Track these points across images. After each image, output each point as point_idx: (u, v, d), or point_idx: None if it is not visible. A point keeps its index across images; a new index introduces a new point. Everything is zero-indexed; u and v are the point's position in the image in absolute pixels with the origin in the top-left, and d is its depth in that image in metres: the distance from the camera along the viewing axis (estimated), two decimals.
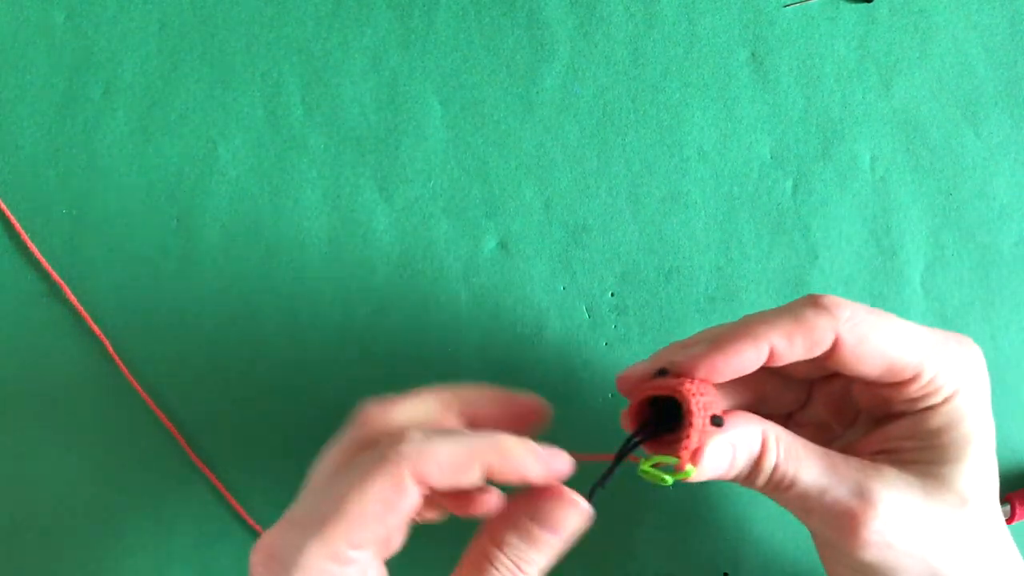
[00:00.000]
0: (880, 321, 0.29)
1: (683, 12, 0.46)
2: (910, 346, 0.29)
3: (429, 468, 0.26)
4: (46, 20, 0.45)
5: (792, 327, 0.28)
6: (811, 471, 0.29)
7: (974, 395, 0.31)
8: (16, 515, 0.42)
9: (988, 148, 0.45)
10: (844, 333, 0.28)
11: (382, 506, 0.26)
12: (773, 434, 0.30)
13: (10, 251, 0.43)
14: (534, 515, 0.28)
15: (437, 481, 0.27)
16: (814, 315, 0.28)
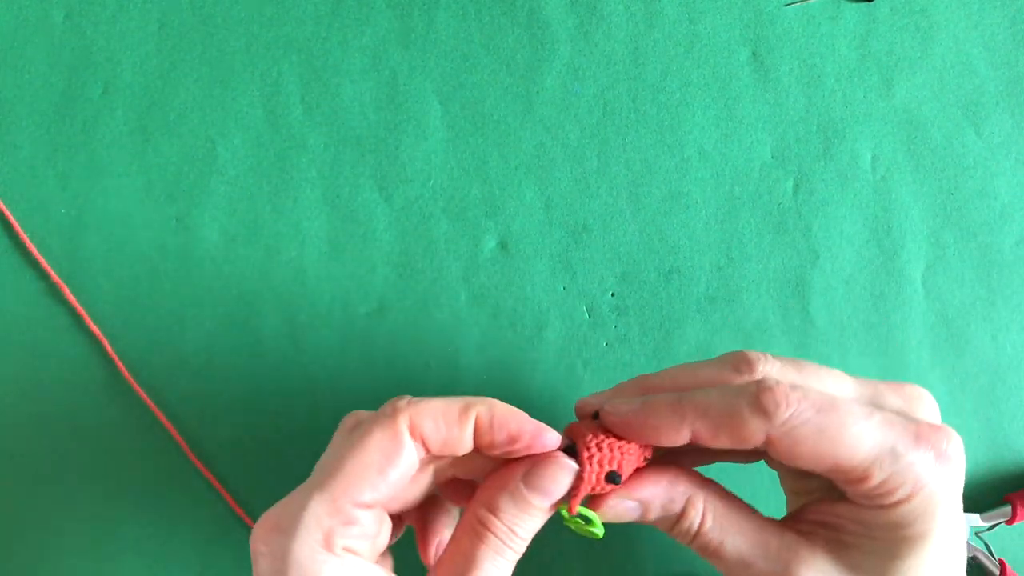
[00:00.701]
0: (825, 423, 0.27)
1: (683, 11, 0.46)
2: (856, 450, 0.27)
3: (423, 420, 0.27)
4: (45, 19, 0.45)
5: (721, 422, 0.27)
6: (738, 542, 0.29)
7: (934, 500, 0.28)
8: (16, 515, 0.42)
9: (989, 148, 0.45)
10: (776, 436, 0.27)
11: (381, 457, 0.27)
12: (701, 500, 0.29)
13: (9, 251, 0.43)
14: (526, 478, 0.28)
15: (432, 434, 0.27)
16: (748, 415, 0.27)
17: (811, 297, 0.44)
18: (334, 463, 0.27)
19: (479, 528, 0.28)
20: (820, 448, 0.27)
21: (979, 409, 0.43)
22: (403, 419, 0.27)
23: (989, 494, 0.43)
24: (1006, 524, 0.41)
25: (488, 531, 0.28)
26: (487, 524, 0.28)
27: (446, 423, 0.28)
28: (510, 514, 0.28)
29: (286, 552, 0.26)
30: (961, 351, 0.43)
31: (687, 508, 0.29)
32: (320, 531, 0.26)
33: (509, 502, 0.28)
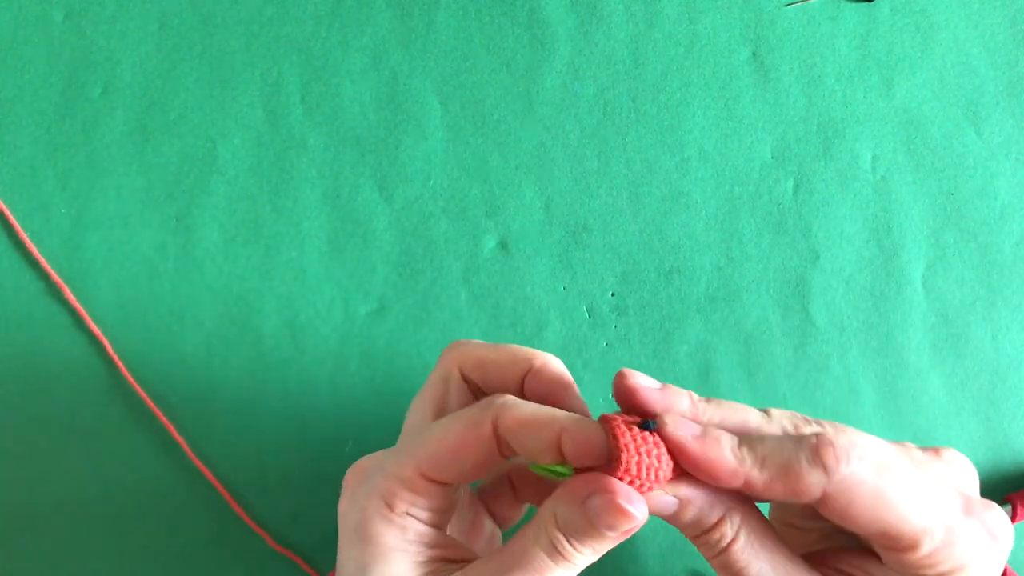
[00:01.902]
0: (884, 484, 0.26)
1: (684, 11, 0.46)
2: (911, 517, 0.26)
3: (508, 421, 0.28)
4: (45, 19, 0.45)
5: (778, 474, 0.26)
6: (764, 569, 0.28)
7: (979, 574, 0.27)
8: (16, 515, 0.42)
9: (989, 148, 0.45)
10: (833, 492, 0.26)
11: (459, 446, 0.28)
12: (738, 516, 0.28)
13: (9, 251, 0.43)
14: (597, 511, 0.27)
15: (513, 434, 0.28)
16: (808, 469, 0.26)
17: (811, 297, 0.44)
18: (422, 437, 0.29)
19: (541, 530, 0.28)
20: (876, 511, 0.26)
21: (979, 409, 0.43)
22: (489, 418, 0.28)
23: (989, 494, 0.43)
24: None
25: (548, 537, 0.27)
26: (548, 529, 0.28)
27: (528, 430, 0.28)
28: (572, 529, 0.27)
29: (356, 497, 0.29)
30: (961, 351, 0.43)
31: (722, 521, 0.28)
32: (387, 494, 0.28)
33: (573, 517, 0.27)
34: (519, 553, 0.28)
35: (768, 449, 0.27)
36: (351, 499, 0.30)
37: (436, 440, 0.28)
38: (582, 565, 0.28)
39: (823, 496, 0.26)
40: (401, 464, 0.28)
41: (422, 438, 0.29)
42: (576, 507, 0.27)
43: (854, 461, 0.26)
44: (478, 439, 0.28)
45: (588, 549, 0.28)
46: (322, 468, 0.42)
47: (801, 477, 0.26)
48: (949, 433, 0.43)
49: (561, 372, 0.31)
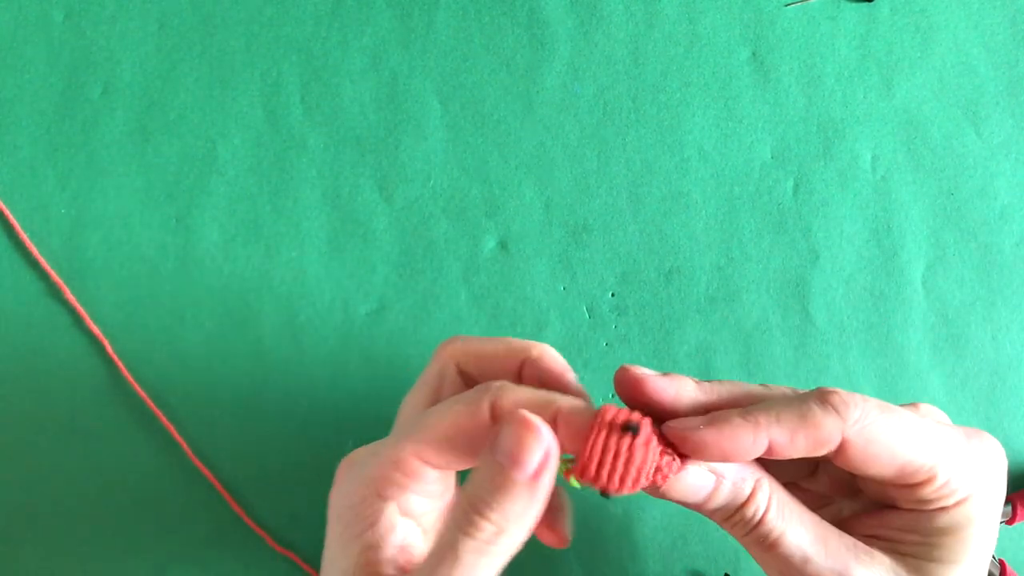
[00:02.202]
0: (892, 421, 0.27)
1: (683, 11, 0.46)
2: (924, 448, 0.27)
3: (505, 403, 0.27)
4: (45, 19, 0.45)
5: (796, 424, 0.27)
6: (799, 535, 0.28)
7: (987, 499, 0.28)
8: (16, 515, 0.42)
9: (989, 148, 0.45)
10: (852, 435, 0.27)
11: (455, 430, 0.27)
12: (767, 485, 0.28)
13: (9, 251, 0.43)
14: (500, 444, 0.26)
15: None
16: (821, 414, 0.27)
17: (811, 297, 0.44)
18: (419, 421, 0.28)
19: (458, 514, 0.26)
20: (892, 448, 0.27)
21: (979, 409, 0.43)
22: (487, 400, 0.27)
23: None
24: (1006, 524, 0.41)
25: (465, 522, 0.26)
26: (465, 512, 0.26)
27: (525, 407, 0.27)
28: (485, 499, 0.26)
29: (346, 484, 0.29)
30: (961, 351, 0.43)
31: (755, 491, 0.28)
32: (379, 476, 0.28)
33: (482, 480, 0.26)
34: (439, 544, 0.26)
35: (780, 407, 0.27)
36: (339, 486, 0.29)
37: (433, 423, 0.28)
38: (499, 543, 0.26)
39: (842, 443, 0.27)
40: (396, 447, 0.28)
41: (419, 422, 0.28)
42: (483, 459, 0.26)
43: (860, 403, 0.27)
44: (475, 422, 0.27)
45: (497, 515, 0.25)
46: (322, 468, 0.42)
47: (819, 424, 0.26)
48: None
49: (558, 360, 0.31)
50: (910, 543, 0.29)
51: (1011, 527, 0.42)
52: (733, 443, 0.27)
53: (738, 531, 0.29)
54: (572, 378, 0.31)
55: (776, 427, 0.27)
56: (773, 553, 0.28)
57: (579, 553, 0.42)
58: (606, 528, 0.42)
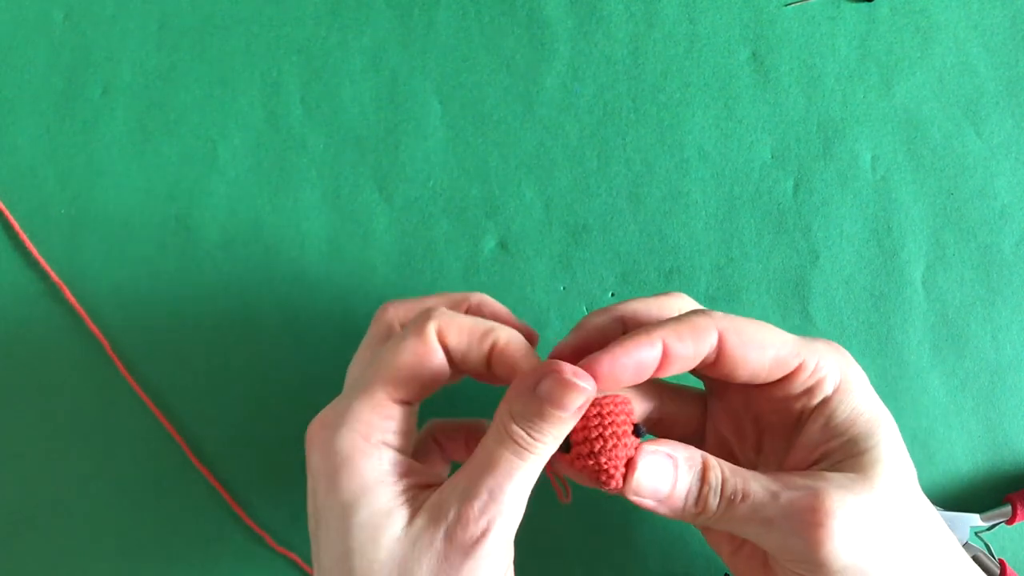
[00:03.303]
0: (751, 322, 0.31)
1: (683, 11, 0.46)
2: (785, 340, 0.31)
3: (450, 331, 0.30)
4: (45, 19, 0.45)
5: (678, 326, 0.30)
6: (759, 481, 0.30)
7: (860, 380, 0.32)
8: (16, 515, 0.42)
9: (989, 148, 0.45)
10: (725, 328, 0.30)
11: (413, 359, 0.30)
12: (710, 456, 0.30)
13: (9, 251, 0.43)
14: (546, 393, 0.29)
15: (455, 347, 0.30)
16: (695, 316, 0.30)
17: (811, 297, 0.44)
18: (374, 370, 0.30)
19: (500, 430, 0.29)
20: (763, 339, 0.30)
21: (979, 409, 0.43)
22: (432, 326, 0.30)
23: (989, 494, 0.43)
24: (1006, 524, 0.41)
25: (507, 435, 0.29)
26: (506, 427, 0.29)
27: (467, 340, 0.30)
28: (527, 419, 0.29)
29: (330, 443, 0.29)
30: (961, 351, 0.43)
31: (705, 460, 0.30)
32: (361, 425, 0.29)
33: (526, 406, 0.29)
34: (485, 458, 0.29)
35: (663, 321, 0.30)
36: (323, 448, 0.30)
37: (389, 360, 0.30)
38: (545, 454, 0.29)
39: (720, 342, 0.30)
40: (367, 392, 0.30)
41: (377, 364, 0.30)
42: (527, 396, 0.29)
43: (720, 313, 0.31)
44: (428, 350, 0.30)
45: (547, 436, 0.29)
46: None
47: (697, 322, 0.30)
48: (949, 433, 0.43)
49: (498, 306, 0.35)
50: (837, 449, 0.31)
51: (1011, 527, 0.42)
52: (637, 351, 0.29)
53: (711, 505, 0.30)
54: (514, 318, 0.35)
55: (663, 331, 0.30)
56: (746, 505, 0.29)
57: (579, 553, 0.42)
58: (606, 528, 0.42)
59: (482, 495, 0.28)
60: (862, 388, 0.32)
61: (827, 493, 0.29)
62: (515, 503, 0.28)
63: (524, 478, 0.29)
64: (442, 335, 0.30)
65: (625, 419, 0.30)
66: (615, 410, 0.30)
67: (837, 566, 0.28)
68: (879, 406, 0.32)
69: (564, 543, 0.42)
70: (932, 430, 0.43)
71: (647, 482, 0.29)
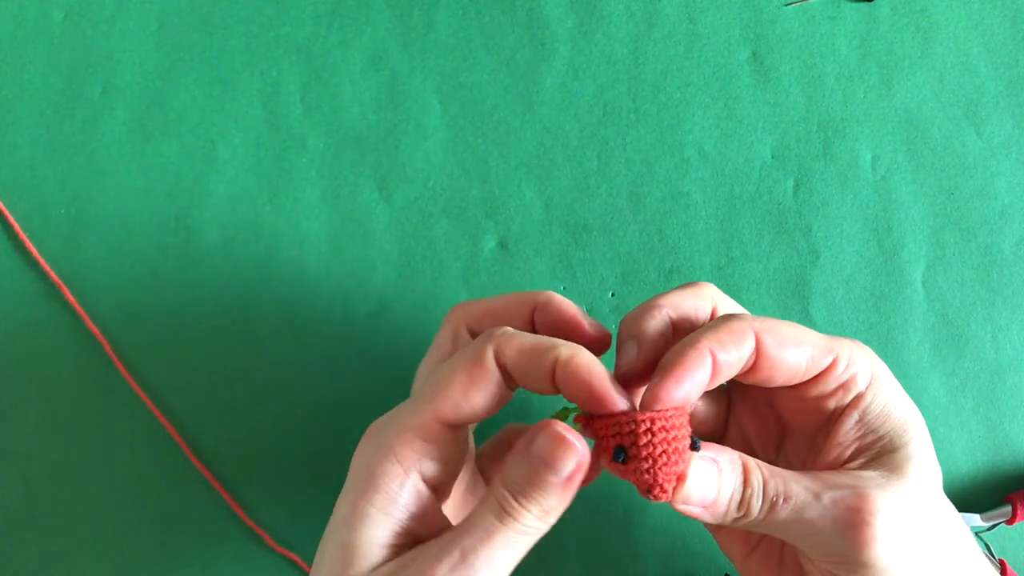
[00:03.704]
0: (782, 322, 0.30)
1: (684, 11, 0.46)
2: (816, 338, 0.30)
3: (508, 350, 0.28)
4: (44, 19, 0.45)
5: (719, 333, 0.29)
6: (800, 481, 0.29)
7: (889, 375, 0.31)
8: (16, 515, 0.42)
9: (990, 148, 0.45)
10: (760, 331, 0.29)
11: (466, 379, 0.28)
12: (749, 457, 0.30)
13: (8, 251, 0.43)
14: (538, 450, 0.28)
15: (515, 367, 0.28)
16: (731, 321, 0.29)
17: (811, 297, 0.44)
18: (428, 387, 0.29)
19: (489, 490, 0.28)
20: (797, 337, 0.29)
21: (979, 409, 0.43)
22: (490, 349, 0.28)
23: (989, 494, 0.43)
24: (1006, 524, 0.41)
25: (493, 495, 0.28)
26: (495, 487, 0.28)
27: (527, 359, 0.28)
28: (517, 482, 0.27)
29: (365, 455, 0.29)
30: (961, 351, 0.43)
31: (745, 463, 0.29)
32: (397, 446, 0.28)
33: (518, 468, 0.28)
34: (469, 520, 0.28)
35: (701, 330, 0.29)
36: (359, 455, 0.30)
37: (444, 380, 0.29)
38: (531, 527, 0.28)
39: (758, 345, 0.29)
40: (415, 412, 0.29)
41: (431, 383, 0.29)
42: (520, 457, 0.28)
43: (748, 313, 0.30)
44: (485, 372, 0.28)
45: (534, 505, 0.27)
46: (322, 468, 0.42)
47: (735, 326, 0.29)
48: (949, 433, 0.43)
49: (566, 304, 0.32)
50: (871, 445, 0.30)
51: (1011, 527, 0.42)
52: (695, 371, 0.28)
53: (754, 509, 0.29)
54: (584, 318, 0.32)
55: (708, 341, 0.28)
56: (789, 507, 0.28)
57: (579, 553, 0.42)
58: (606, 528, 0.42)
59: (453, 555, 0.27)
60: (892, 384, 0.31)
61: (870, 493, 0.28)
62: (491, 570, 0.27)
63: (505, 545, 0.27)
64: (500, 356, 0.29)
65: (685, 433, 0.28)
66: (676, 423, 0.28)
67: (880, 566, 0.28)
68: (909, 402, 0.31)
69: (565, 543, 0.42)
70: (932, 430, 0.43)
71: (696, 492, 0.28)
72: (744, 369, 0.30)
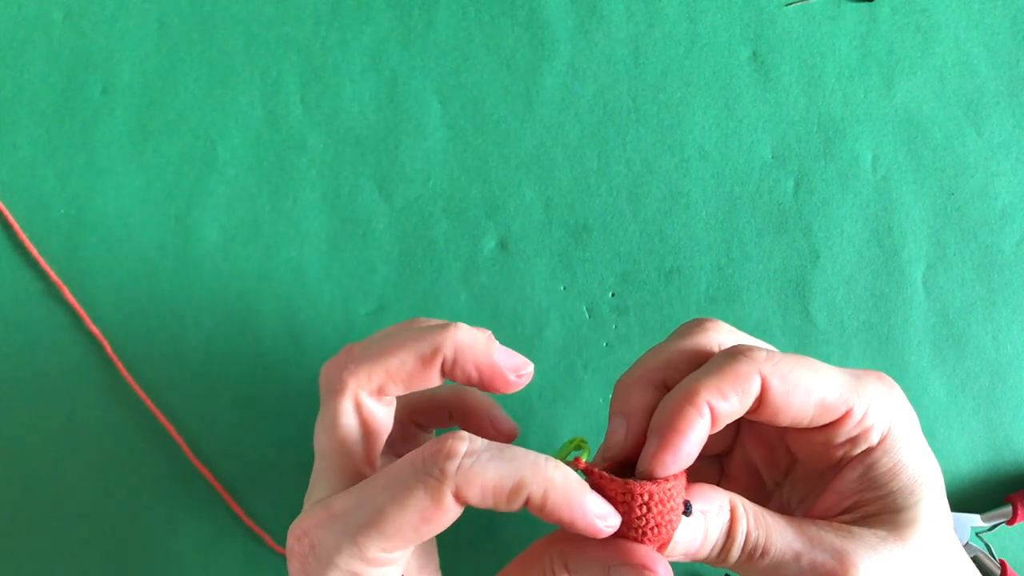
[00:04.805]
0: (797, 361, 0.28)
1: (684, 11, 0.46)
2: (834, 384, 0.28)
3: (470, 491, 0.25)
4: (44, 18, 0.45)
5: (720, 382, 0.27)
6: (783, 535, 0.28)
7: (909, 427, 0.29)
8: (16, 515, 0.42)
9: (990, 148, 0.45)
10: (768, 373, 0.27)
11: (420, 519, 0.26)
12: (739, 501, 0.29)
13: (8, 251, 0.43)
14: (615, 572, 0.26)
15: (478, 502, 0.26)
16: (736, 363, 0.27)
17: (811, 297, 0.44)
18: (372, 515, 0.26)
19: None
20: (809, 382, 0.28)
21: (979, 409, 0.43)
22: (448, 489, 0.25)
23: (989, 494, 0.43)
24: (1006, 524, 0.41)
25: None
26: None
27: (492, 500, 0.26)
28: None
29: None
30: (962, 351, 0.43)
31: (734, 510, 0.28)
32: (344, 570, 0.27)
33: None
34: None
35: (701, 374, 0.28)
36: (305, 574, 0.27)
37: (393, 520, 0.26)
38: None
39: (764, 388, 0.27)
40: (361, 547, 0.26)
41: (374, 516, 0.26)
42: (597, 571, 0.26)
43: (764, 350, 0.28)
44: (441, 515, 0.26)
45: None
46: None
47: (739, 371, 0.27)
48: (949, 433, 0.43)
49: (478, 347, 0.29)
50: (872, 500, 0.29)
51: (1011, 527, 0.42)
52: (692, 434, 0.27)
53: (732, 557, 0.28)
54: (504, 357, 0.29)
55: (707, 393, 0.27)
56: (765, 562, 0.28)
57: None
58: None
59: None
60: (910, 438, 0.29)
61: (852, 561, 0.27)
62: None
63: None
64: (460, 495, 0.25)
65: (679, 502, 0.27)
66: (674, 494, 0.27)
67: None
68: (925, 458, 0.29)
69: None
70: (932, 430, 0.43)
71: (680, 547, 0.27)
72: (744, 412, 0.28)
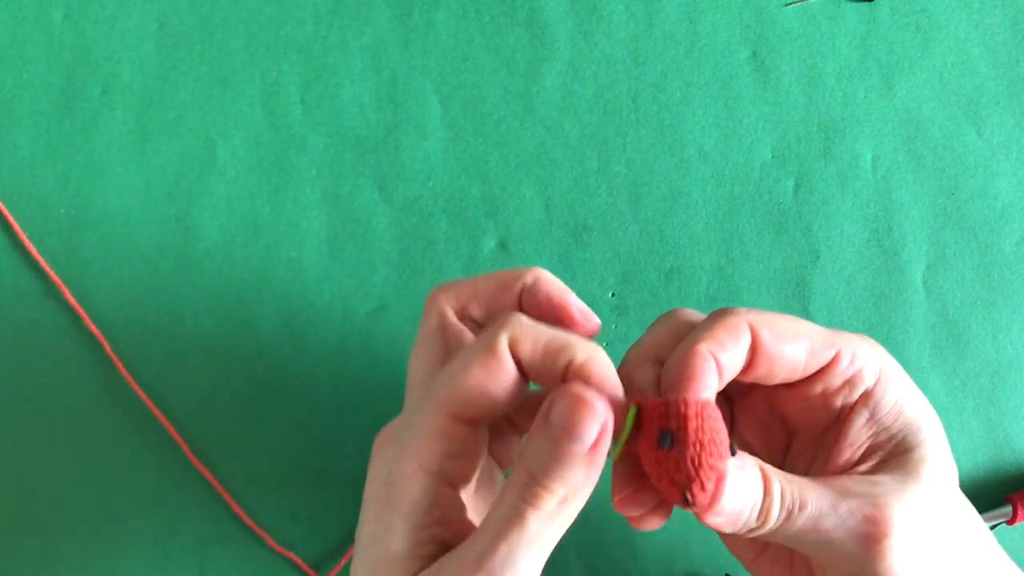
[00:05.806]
0: (781, 314, 0.29)
1: (684, 11, 0.46)
2: (817, 330, 0.29)
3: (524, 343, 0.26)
4: (44, 18, 0.45)
5: (714, 332, 0.28)
6: (814, 488, 0.28)
7: (899, 370, 0.30)
8: (16, 515, 0.42)
9: (990, 148, 0.45)
10: (756, 323, 0.28)
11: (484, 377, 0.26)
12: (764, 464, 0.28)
13: (8, 251, 0.43)
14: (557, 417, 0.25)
15: (528, 360, 0.26)
16: (723, 315, 0.28)
17: (811, 297, 0.44)
18: (439, 386, 0.27)
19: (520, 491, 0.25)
20: (795, 329, 0.28)
21: (979, 409, 0.43)
22: (503, 339, 0.26)
23: (989, 494, 0.43)
24: (1006, 524, 0.41)
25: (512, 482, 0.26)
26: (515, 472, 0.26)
27: (541, 356, 0.26)
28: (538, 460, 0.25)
29: (382, 465, 0.28)
30: (962, 351, 0.43)
31: (764, 471, 0.28)
32: (418, 451, 0.27)
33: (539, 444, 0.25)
34: (488, 519, 0.26)
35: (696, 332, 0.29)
36: (376, 467, 0.28)
37: (458, 380, 0.26)
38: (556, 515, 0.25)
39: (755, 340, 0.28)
40: (430, 413, 0.27)
41: (443, 382, 0.27)
42: (539, 432, 0.25)
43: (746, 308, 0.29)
44: (500, 365, 0.26)
45: (558, 485, 0.25)
46: (322, 468, 0.42)
47: (731, 322, 0.28)
48: (950, 433, 0.43)
49: (556, 284, 0.30)
50: (884, 444, 0.29)
51: (1011, 527, 0.42)
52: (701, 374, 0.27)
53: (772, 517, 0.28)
54: (574, 299, 0.30)
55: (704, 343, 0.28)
56: (804, 516, 0.27)
57: (579, 553, 0.42)
58: (606, 528, 0.42)
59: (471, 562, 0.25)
60: (902, 378, 0.30)
61: (886, 502, 0.27)
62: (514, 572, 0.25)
63: (527, 544, 0.25)
64: (515, 348, 0.26)
65: (724, 430, 0.26)
66: (715, 415, 0.26)
67: None
68: (921, 397, 0.30)
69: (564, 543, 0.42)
70: None
71: (730, 503, 0.26)
72: (742, 366, 0.29)
